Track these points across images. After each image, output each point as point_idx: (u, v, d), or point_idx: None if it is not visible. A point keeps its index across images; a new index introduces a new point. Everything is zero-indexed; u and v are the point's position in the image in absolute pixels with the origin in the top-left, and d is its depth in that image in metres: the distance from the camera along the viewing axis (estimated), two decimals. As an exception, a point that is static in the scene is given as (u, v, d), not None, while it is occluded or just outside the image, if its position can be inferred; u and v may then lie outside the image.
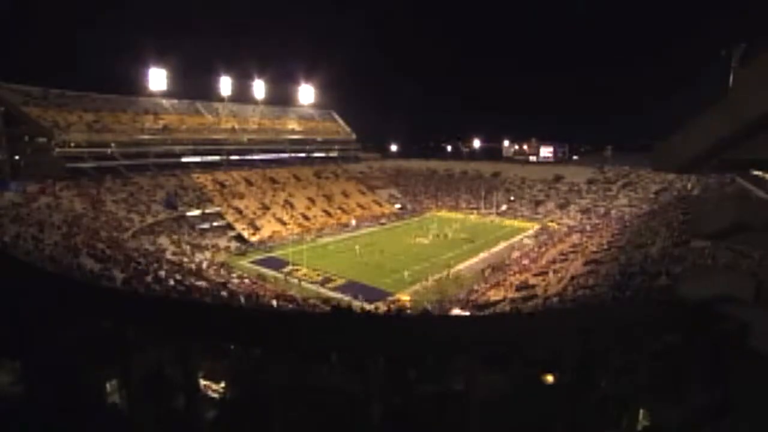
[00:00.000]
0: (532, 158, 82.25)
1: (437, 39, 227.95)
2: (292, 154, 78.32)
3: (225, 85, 75.88)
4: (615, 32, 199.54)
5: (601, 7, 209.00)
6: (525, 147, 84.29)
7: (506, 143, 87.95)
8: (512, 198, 69.52)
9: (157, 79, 66.77)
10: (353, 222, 59.69)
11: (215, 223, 50.44)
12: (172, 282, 22.99)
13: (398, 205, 71.13)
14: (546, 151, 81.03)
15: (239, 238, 49.19)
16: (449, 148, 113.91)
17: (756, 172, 25.85)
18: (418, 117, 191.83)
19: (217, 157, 65.90)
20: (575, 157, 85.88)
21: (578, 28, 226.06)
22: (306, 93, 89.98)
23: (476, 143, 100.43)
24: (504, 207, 67.23)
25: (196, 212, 50.61)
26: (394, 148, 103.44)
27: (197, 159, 63.37)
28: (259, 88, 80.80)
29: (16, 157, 49.20)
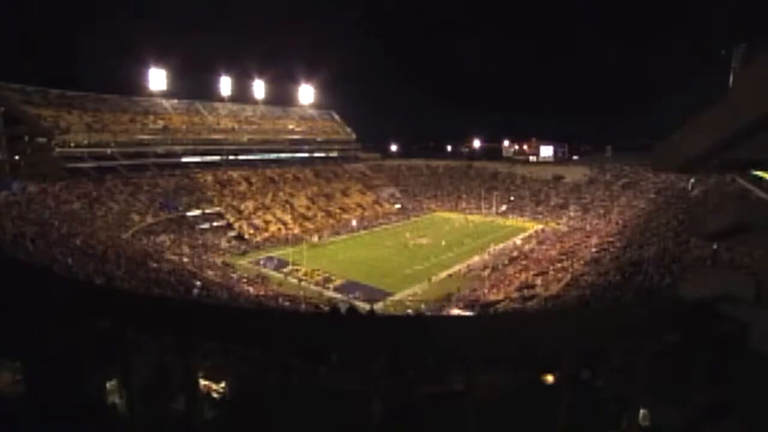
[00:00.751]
0: (532, 158, 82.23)
1: (437, 39, 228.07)
2: (292, 154, 78.35)
3: (225, 85, 76.03)
4: (615, 32, 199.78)
5: (601, 7, 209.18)
6: (525, 147, 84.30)
7: (506, 143, 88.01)
8: (512, 198, 69.53)
9: (157, 79, 66.88)
10: (353, 222, 59.70)
11: (215, 223, 50.48)
12: (171, 281, 22.99)
13: (398, 205, 71.16)
14: (546, 151, 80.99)
15: (239, 238, 49.20)
16: (449, 148, 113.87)
17: (756, 172, 25.86)
18: (418, 117, 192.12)
19: (217, 157, 65.96)
20: (575, 157, 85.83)
21: (578, 28, 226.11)
22: (306, 93, 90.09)
23: (476, 143, 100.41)
24: (504, 207, 67.24)
25: (196, 212, 50.64)
26: (394, 148, 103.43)
27: (197, 159, 63.45)
28: (259, 88, 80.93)
29: (16, 157, 49.24)
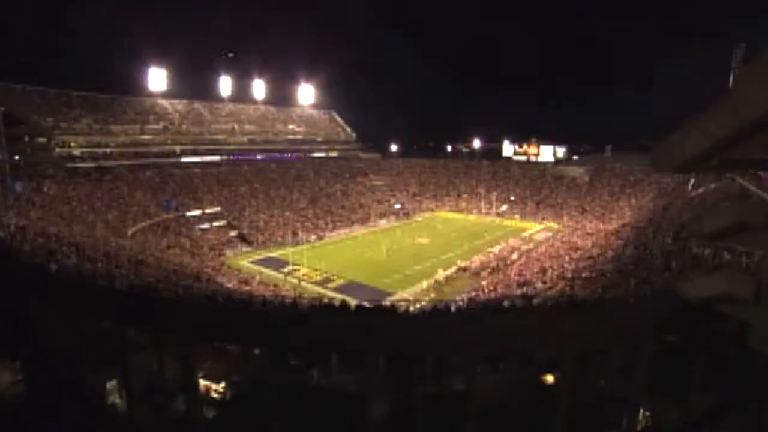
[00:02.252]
0: (533, 158, 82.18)
1: (437, 39, 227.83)
2: (292, 154, 78.35)
3: (225, 85, 76.00)
4: (615, 32, 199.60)
5: (601, 7, 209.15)
6: (525, 147, 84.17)
7: (506, 143, 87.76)
8: (512, 198, 69.51)
9: (157, 79, 66.86)
10: (354, 222, 59.68)
11: (215, 223, 50.46)
12: (171, 281, 22.97)
13: (398, 205, 71.13)
14: (546, 151, 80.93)
15: (239, 237, 49.21)
16: (449, 148, 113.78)
17: (756, 172, 25.79)
18: (418, 117, 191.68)
19: (217, 157, 65.95)
20: (575, 157, 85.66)
21: (578, 28, 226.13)
22: (306, 93, 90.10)
23: (476, 143, 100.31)
24: (504, 207, 67.22)
25: (196, 212, 50.63)
26: (394, 148, 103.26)
27: (197, 159, 63.42)
28: (259, 88, 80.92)
29: (16, 157, 49.19)
